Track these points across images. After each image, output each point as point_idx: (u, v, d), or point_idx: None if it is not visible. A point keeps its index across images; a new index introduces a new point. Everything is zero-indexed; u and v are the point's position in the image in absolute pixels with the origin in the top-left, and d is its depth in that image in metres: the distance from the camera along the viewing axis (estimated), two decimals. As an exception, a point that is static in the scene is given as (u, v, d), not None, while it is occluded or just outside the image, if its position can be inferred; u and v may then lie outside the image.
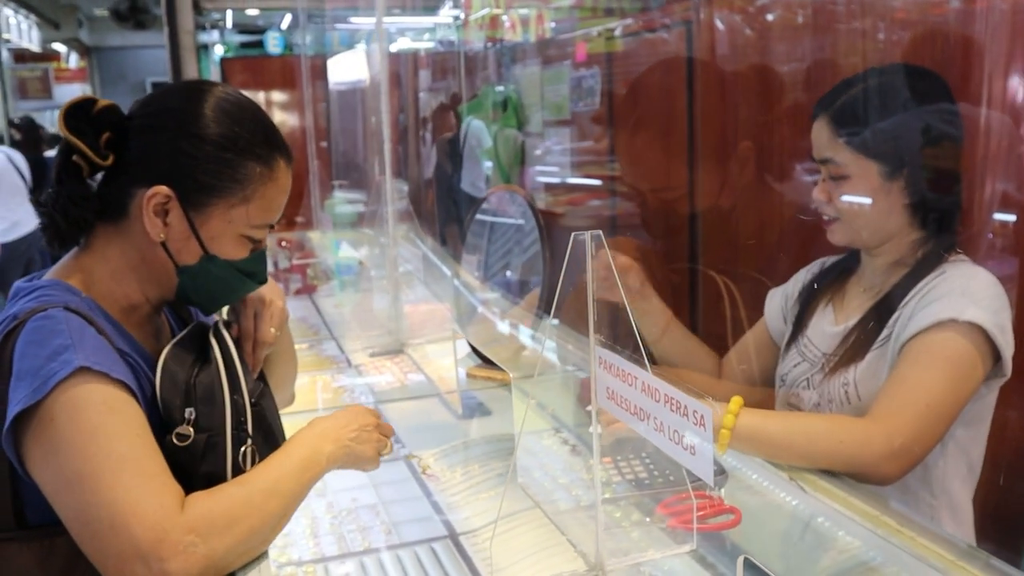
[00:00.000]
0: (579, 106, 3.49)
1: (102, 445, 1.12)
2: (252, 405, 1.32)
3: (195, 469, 1.24)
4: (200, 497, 1.16)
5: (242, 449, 1.27)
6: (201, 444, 1.24)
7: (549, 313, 1.66)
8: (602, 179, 3.32)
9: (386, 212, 2.38)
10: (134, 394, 1.19)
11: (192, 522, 1.12)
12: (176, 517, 1.11)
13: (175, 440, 1.23)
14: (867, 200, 1.43)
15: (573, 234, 0.94)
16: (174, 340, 1.32)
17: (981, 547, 1.46)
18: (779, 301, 1.73)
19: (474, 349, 1.98)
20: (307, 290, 3.41)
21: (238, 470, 1.27)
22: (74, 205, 1.25)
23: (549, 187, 3.74)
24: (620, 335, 1.00)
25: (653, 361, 0.95)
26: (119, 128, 1.27)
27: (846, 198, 1.45)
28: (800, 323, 1.62)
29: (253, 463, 1.28)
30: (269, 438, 1.35)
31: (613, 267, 1.10)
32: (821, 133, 1.49)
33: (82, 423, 1.12)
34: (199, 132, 1.26)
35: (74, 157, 1.25)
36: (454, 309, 2.15)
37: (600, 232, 0.93)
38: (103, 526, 1.09)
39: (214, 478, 1.24)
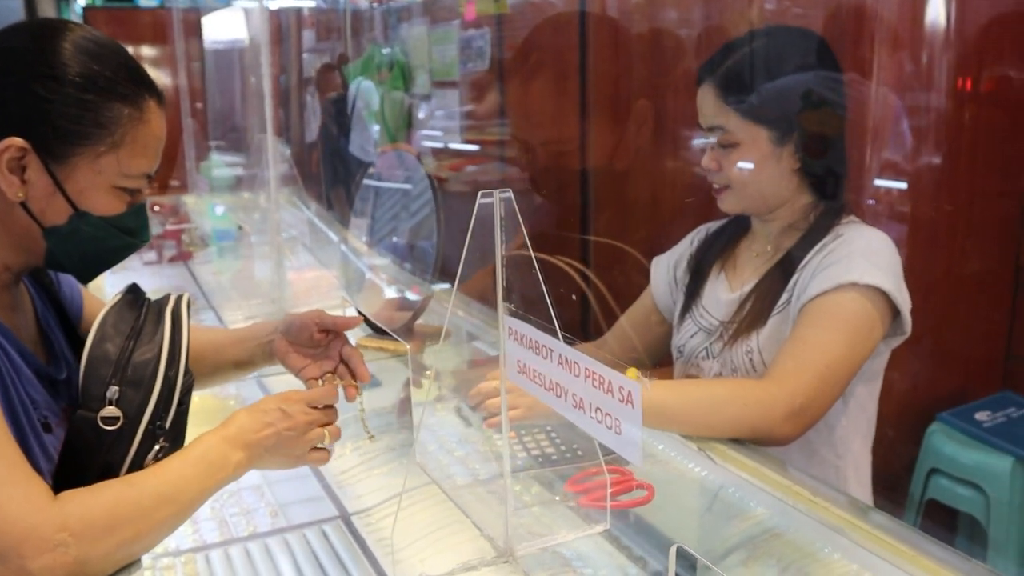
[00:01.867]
0: (468, 68, 3.39)
1: None
2: (177, 404, 1.19)
3: (94, 457, 1.11)
4: (80, 494, 1.03)
5: (155, 448, 1.16)
6: (114, 430, 1.12)
7: (449, 282, 1.58)
8: (490, 143, 3.25)
9: (268, 175, 2.24)
10: None
11: (66, 519, 0.99)
12: (46, 511, 0.98)
13: (100, 422, 1.11)
14: (757, 167, 1.41)
15: (480, 193, 0.86)
16: (117, 299, 1.23)
17: (877, 500, 1.49)
18: (664, 271, 1.69)
19: (365, 318, 1.88)
20: (182, 257, 3.25)
21: (135, 467, 1.15)
22: None
23: (436, 152, 3.64)
24: (532, 303, 0.93)
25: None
26: None
27: (738, 166, 1.43)
28: (692, 292, 1.59)
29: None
30: (176, 442, 1.22)
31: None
32: (707, 100, 1.46)
33: None
34: (54, 73, 1.10)
35: None
36: (342, 276, 2.04)
37: (510, 192, 0.86)
38: None
39: (109, 471, 1.12)
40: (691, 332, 1.56)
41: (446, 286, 1.85)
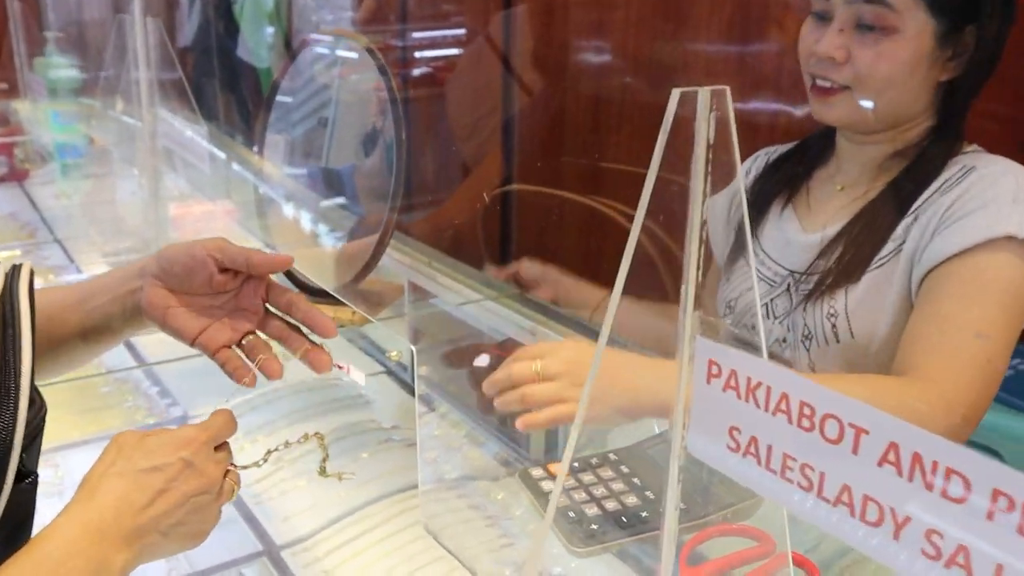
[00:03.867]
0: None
1: None
2: (16, 478, 0.66)
3: None
4: None
5: None
6: None
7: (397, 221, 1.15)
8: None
9: (138, 76, 1.73)
10: None
11: None
12: None
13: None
14: (909, 67, 1.04)
15: (678, 91, 0.45)
16: None
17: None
18: (722, 209, 1.28)
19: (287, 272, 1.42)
20: (16, 176, 2.69)
21: None
22: None
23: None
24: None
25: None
26: None
27: (882, 59, 1.03)
28: (746, 232, 1.22)
29: None
30: (20, 530, 0.70)
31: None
32: None
33: None
34: None
35: None
36: (255, 212, 1.54)
37: (727, 89, 0.46)
38: None
39: None
40: (747, 284, 1.18)
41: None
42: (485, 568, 0.95)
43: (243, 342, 0.87)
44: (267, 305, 0.89)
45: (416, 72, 2.73)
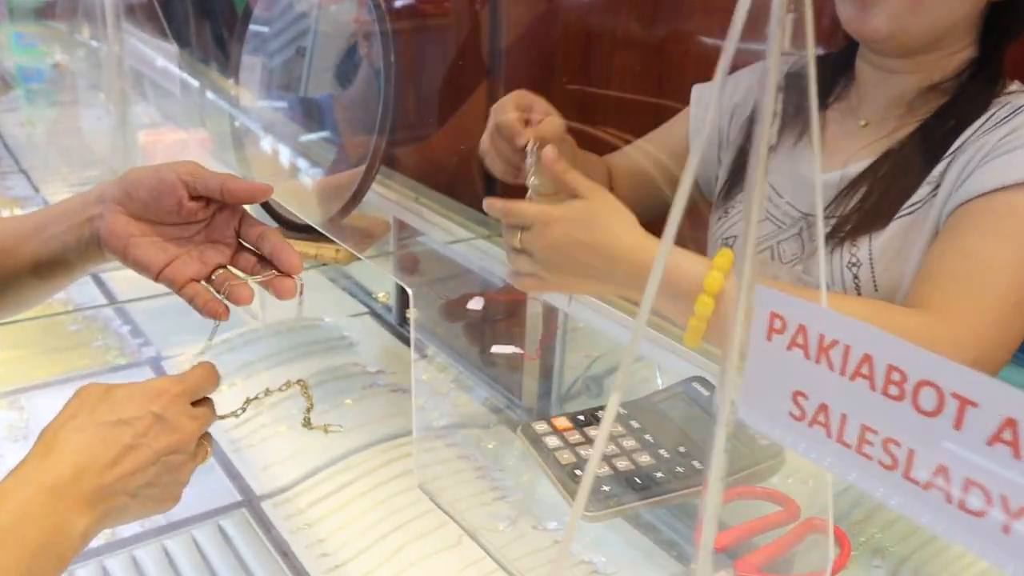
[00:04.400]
0: None
1: None
2: None
3: None
4: None
5: None
6: None
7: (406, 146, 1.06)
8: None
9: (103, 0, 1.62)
10: None
11: None
12: None
13: None
14: None
15: None
16: None
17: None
18: (716, 111, 1.14)
19: (265, 205, 1.32)
20: (-23, 102, 2.55)
21: None
22: None
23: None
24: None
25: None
26: None
27: None
28: (747, 162, 1.10)
29: None
30: None
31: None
32: None
33: None
34: None
35: None
36: (230, 142, 1.45)
37: None
38: None
39: None
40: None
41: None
42: (478, 522, 0.90)
43: (212, 276, 0.78)
44: (240, 240, 0.81)
45: (398, 3, 2.62)
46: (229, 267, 0.80)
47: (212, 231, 0.79)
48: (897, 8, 0.92)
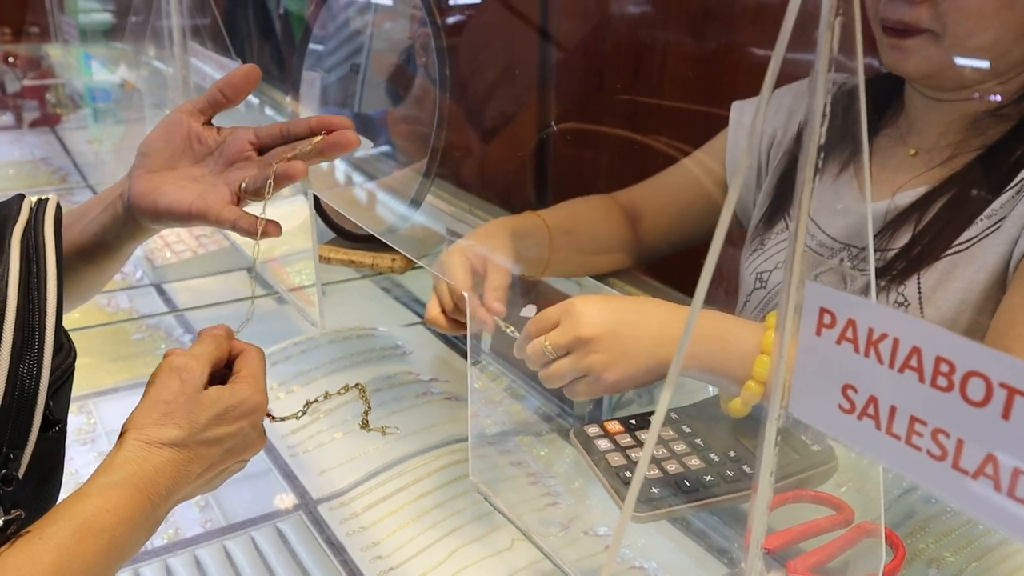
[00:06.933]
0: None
1: None
2: (42, 426, 0.59)
3: None
4: None
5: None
6: None
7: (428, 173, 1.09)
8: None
9: (169, 22, 1.68)
10: None
11: None
12: None
13: None
14: (1004, 5, 0.83)
15: None
16: None
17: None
18: (759, 135, 1.08)
19: (323, 215, 1.36)
20: (48, 121, 2.66)
21: None
22: None
23: None
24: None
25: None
26: None
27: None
28: (788, 192, 1.08)
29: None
30: (42, 500, 0.63)
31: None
32: None
33: None
34: None
35: None
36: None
37: None
38: None
39: None
40: (784, 256, 1.03)
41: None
42: (532, 527, 0.91)
43: (242, 186, 0.77)
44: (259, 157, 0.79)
45: (450, 20, 2.66)
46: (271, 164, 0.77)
47: (227, 154, 0.79)
48: (926, 52, 0.87)
